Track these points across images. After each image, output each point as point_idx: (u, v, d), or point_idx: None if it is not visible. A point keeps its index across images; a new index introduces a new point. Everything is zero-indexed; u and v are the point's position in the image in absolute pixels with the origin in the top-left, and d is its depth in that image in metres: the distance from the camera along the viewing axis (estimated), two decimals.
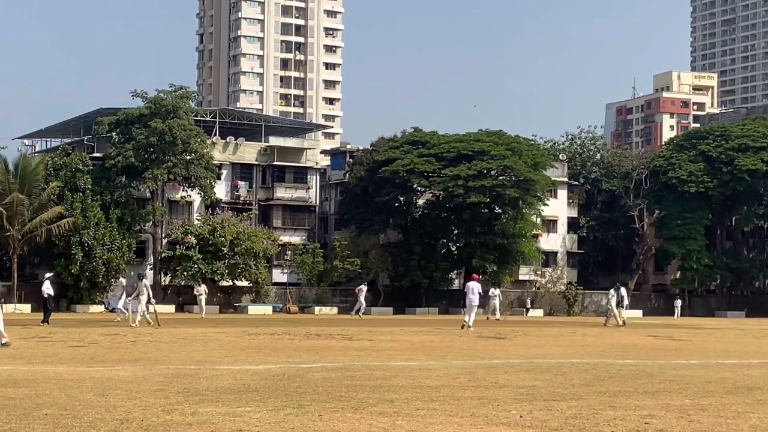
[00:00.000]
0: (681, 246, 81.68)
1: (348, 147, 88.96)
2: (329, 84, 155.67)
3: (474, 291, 35.22)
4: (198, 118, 73.77)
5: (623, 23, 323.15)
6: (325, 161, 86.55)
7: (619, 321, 43.12)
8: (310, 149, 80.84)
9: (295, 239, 76.75)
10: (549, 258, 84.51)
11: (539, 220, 78.36)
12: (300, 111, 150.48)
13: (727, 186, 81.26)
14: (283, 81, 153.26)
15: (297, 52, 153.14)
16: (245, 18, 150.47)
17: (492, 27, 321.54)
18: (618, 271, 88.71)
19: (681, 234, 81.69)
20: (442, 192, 72.59)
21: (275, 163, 77.38)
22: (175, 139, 65.98)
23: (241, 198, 76.20)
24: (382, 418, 10.66)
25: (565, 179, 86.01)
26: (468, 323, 34.73)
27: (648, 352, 23.85)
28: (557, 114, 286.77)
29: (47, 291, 36.57)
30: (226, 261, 66.96)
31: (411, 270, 72.25)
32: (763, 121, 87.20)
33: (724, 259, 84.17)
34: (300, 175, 78.80)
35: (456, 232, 75.29)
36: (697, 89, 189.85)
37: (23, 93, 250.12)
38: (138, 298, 36.43)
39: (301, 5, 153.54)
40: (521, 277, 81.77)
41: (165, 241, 69.53)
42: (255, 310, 65.45)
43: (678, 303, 72.73)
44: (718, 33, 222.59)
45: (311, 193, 78.93)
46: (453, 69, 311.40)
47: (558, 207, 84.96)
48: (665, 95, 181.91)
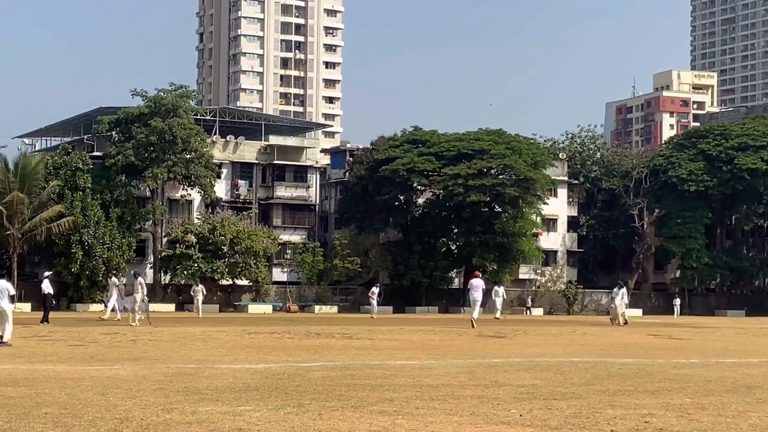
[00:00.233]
0: (681, 245, 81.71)
1: (348, 146, 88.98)
2: (329, 83, 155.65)
3: (477, 288, 35.82)
4: (198, 117, 73.81)
5: (623, 22, 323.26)
6: (325, 160, 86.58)
7: (621, 320, 43.15)
8: (310, 148, 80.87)
9: (295, 238, 76.78)
10: (549, 257, 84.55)
11: (539, 218, 78.42)
12: (300, 110, 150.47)
13: (727, 185, 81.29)
14: (283, 80, 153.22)
15: (297, 51, 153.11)
16: (245, 17, 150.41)
17: (492, 26, 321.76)
18: (618, 270, 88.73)
19: (681, 233, 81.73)
20: (442, 191, 72.61)
21: (275, 162, 77.41)
22: (175, 138, 65.99)
23: (241, 197, 76.22)
24: (382, 416, 10.66)
25: (565, 178, 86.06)
26: (473, 318, 35.33)
27: (648, 350, 23.86)
28: (557, 113, 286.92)
29: (46, 289, 36.62)
30: (226, 260, 66.98)
31: (411, 269, 72.28)
32: (763, 120, 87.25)
33: (723, 258, 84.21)
34: (300, 174, 78.83)
35: (456, 230, 75.32)
36: (697, 88, 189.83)
37: (23, 92, 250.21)
38: (133, 295, 36.73)
39: (301, 4, 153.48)
40: (521, 276, 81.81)
41: (165, 240, 69.56)
42: (255, 309, 65.49)
43: (677, 302, 72.76)
44: (717, 32, 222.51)
45: (311, 192, 78.95)
46: (453, 68, 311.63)
47: (558, 206, 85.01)
48: (665, 94, 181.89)
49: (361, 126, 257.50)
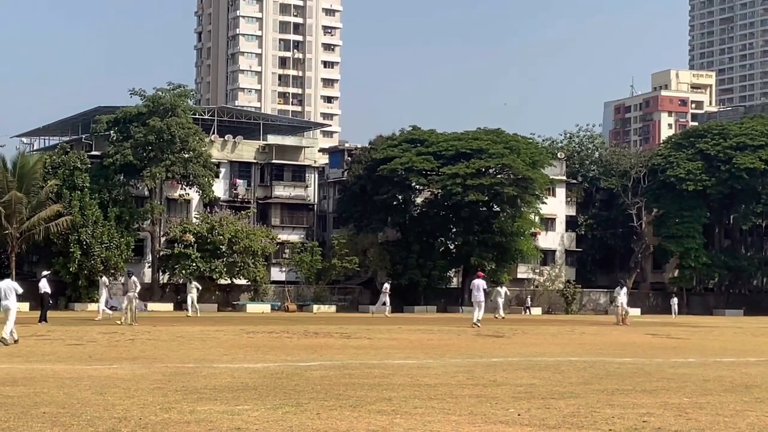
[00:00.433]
0: (679, 244, 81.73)
1: (346, 145, 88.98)
2: (327, 82, 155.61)
3: (479, 288, 35.99)
4: (196, 116, 73.75)
5: (621, 22, 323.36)
6: (324, 159, 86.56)
7: (618, 320, 43.20)
8: (308, 148, 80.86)
9: (294, 237, 76.78)
10: (547, 256, 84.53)
11: (537, 218, 78.41)
12: (298, 109, 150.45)
13: (725, 184, 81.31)
14: (282, 79, 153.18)
15: (295, 50, 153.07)
16: (243, 16, 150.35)
17: (490, 26, 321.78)
18: (616, 270, 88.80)
19: (679, 232, 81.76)
20: (440, 190, 72.60)
21: (273, 162, 77.39)
22: (174, 138, 65.96)
23: (240, 196, 76.19)
24: (380, 416, 10.66)
25: (564, 177, 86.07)
26: (475, 319, 35.50)
27: (646, 350, 23.87)
28: (556, 112, 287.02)
29: (44, 288, 36.64)
30: (224, 259, 66.95)
31: (409, 268, 72.25)
32: (761, 120, 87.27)
33: (722, 258, 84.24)
34: (298, 174, 78.83)
35: (454, 230, 75.32)
36: (696, 88, 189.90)
37: (21, 91, 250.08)
38: (127, 294, 36.81)
39: (300, 3, 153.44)
40: (519, 276, 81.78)
41: (163, 240, 69.53)
42: (253, 308, 65.47)
43: (674, 301, 72.75)
44: (716, 31, 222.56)
45: (309, 192, 78.94)
46: (451, 67, 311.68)
47: (556, 205, 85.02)
48: (663, 94, 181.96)
49: (360, 125, 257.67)
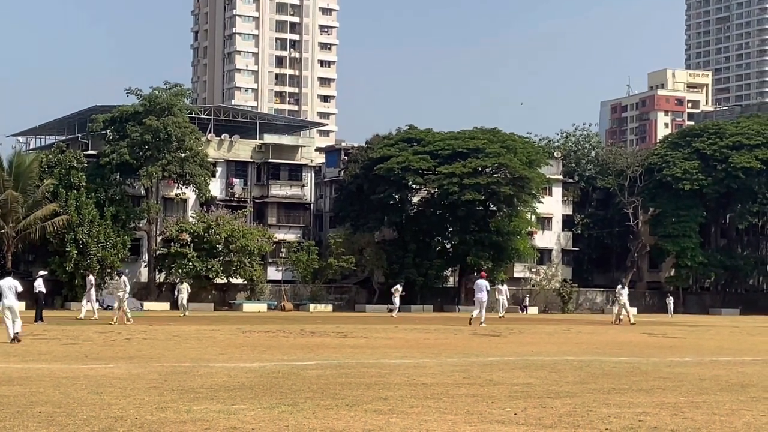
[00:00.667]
0: (675, 243, 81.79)
1: (343, 144, 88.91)
2: (324, 81, 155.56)
3: (482, 288, 36.20)
4: (193, 115, 73.71)
5: (618, 21, 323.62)
6: (320, 159, 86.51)
7: (615, 320, 43.27)
8: (304, 147, 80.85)
9: (290, 237, 76.76)
10: (544, 255, 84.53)
11: (534, 217, 78.41)
12: (295, 108, 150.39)
13: (722, 184, 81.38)
14: (278, 78, 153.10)
15: (292, 49, 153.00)
16: (240, 15, 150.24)
17: (487, 25, 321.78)
18: (613, 269, 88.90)
19: (675, 231, 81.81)
20: (436, 189, 72.60)
21: (270, 161, 77.36)
22: (170, 137, 65.92)
23: (236, 195, 76.15)
24: (376, 415, 10.66)
25: (560, 177, 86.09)
26: (476, 316, 35.71)
27: (642, 349, 23.88)
28: (552, 111, 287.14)
29: (39, 288, 36.66)
30: (220, 258, 66.92)
31: (406, 267, 72.24)
32: (758, 119, 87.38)
33: (718, 257, 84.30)
34: (295, 173, 78.80)
35: (451, 229, 75.31)
36: (692, 87, 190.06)
37: (18, 90, 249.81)
38: (117, 293, 37.08)
39: (296, 2, 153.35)
40: (516, 275, 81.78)
41: (160, 239, 69.49)
42: (250, 307, 65.43)
43: (670, 300, 72.79)
44: (712, 31, 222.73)
45: (306, 191, 78.91)
46: (449, 66, 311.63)
47: (553, 204, 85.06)
48: (660, 93, 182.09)
49: (356, 124, 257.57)
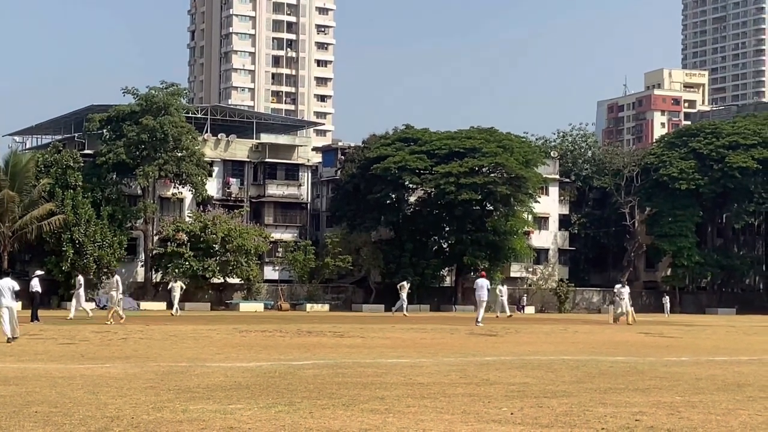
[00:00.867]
0: (672, 243, 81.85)
1: (339, 144, 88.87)
2: (321, 81, 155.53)
3: (482, 288, 36.22)
4: (189, 115, 73.69)
5: (615, 21, 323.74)
6: (317, 158, 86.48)
7: (611, 320, 43.27)
8: (301, 146, 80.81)
9: (287, 236, 76.71)
10: (540, 255, 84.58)
11: (531, 217, 78.39)
12: (291, 108, 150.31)
13: (718, 183, 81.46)
14: (275, 78, 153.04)
15: (288, 49, 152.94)
16: (236, 15, 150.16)
17: (485, 25, 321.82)
18: (609, 269, 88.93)
19: (672, 231, 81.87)
20: (433, 189, 72.57)
21: (267, 160, 77.30)
22: (167, 136, 65.87)
23: (233, 195, 76.09)
24: (373, 415, 10.66)
25: (557, 176, 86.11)
26: (478, 319, 35.59)
27: (639, 349, 23.89)
28: (549, 111, 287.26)
29: (34, 287, 36.63)
30: (217, 258, 66.88)
31: (402, 267, 72.19)
32: (754, 119, 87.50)
33: (714, 257, 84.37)
34: (291, 172, 78.74)
35: (447, 229, 75.31)
36: (688, 87, 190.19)
37: (14, 90, 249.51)
38: (110, 293, 37.06)
39: (293, 2, 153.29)
40: (513, 275, 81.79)
41: (156, 239, 69.43)
42: (246, 307, 65.38)
43: (666, 299, 72.84)
44: (709, 31, 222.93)
45: (303, 190, 78.88)
46: (446, 66, 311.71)
47: (549, 204, 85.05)
48: (656, 93, 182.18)
49: (353, 124, 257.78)
